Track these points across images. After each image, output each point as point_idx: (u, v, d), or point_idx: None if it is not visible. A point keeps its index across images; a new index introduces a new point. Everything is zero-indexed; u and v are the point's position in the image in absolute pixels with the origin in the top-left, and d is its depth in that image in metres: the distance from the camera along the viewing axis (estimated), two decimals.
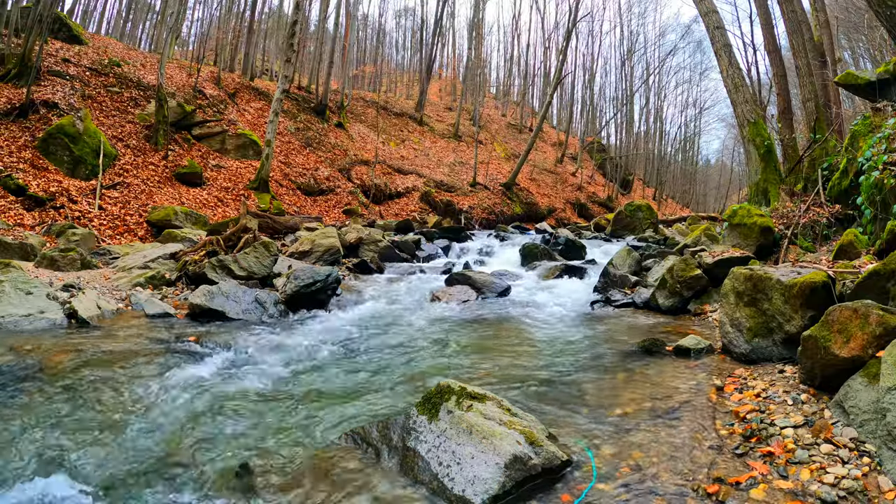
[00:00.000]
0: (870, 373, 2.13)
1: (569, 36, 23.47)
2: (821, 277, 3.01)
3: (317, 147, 18.34)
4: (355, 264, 7.29)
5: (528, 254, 8.35)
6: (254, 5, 23.25)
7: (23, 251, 6.29)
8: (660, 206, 30.95)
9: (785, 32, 10.36)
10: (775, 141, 10.00)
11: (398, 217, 16.39)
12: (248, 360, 3.43)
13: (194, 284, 5.52)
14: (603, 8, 59.36)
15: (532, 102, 38.06)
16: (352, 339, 4.05)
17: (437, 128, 27.22)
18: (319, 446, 2.24)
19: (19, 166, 9.02)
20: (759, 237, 6.01)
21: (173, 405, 2.66)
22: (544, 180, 25.87)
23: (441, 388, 2.25)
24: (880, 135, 4.80)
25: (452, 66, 42.00)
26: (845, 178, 6.12)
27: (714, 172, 49.40)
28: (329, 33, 26.37)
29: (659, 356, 3.41)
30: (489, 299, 5.67)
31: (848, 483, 1.79)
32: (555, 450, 2.01)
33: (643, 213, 13.58)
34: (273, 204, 12.58)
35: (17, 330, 3.80)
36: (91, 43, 16.26)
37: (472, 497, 1.78)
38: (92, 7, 26.11)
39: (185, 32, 30.86)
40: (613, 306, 5.19)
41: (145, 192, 10.51)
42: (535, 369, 3.26)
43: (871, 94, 6.29)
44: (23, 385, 2.79)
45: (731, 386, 2.79)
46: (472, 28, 34.54)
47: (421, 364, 3.45)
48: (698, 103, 41.11)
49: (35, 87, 11.15)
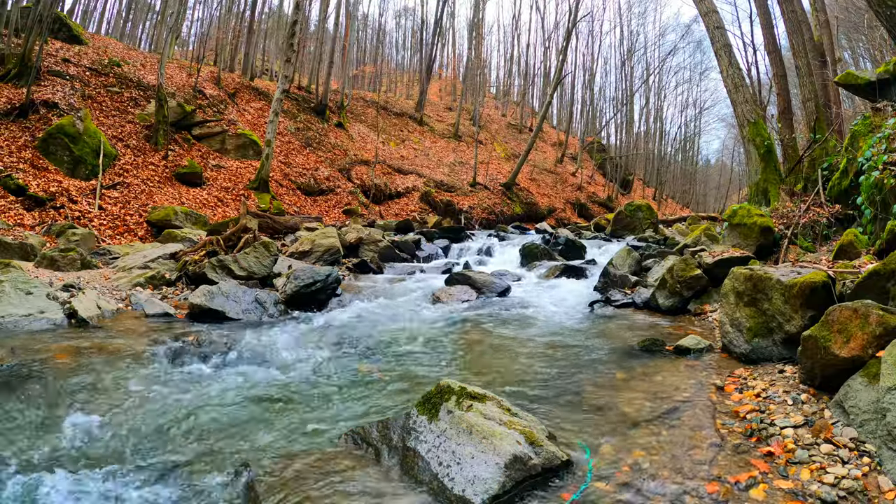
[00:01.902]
0: (870, 373, 2.13)
1: (569, 36, 23.47)
2: (821, 277, 3.01)
3: (317, 147, 18.34)
4: (355, 264, 7.29)
5: (528, 254, 8.35)
6: (254, 5, 23.26)
7: (23, 251, 6.29)
8: (660, 206, 30.94)
9: (785, 32, 10.36)
10: (775, 141, 9.99)
11: (398, 217, 16.39)
12: (248, 360, 3.43)
13: (194, 284, 5.52)
14: (603, 8, 59.56)
15: (532, 102, 38.06)
16: (351, 338, 4.05)
17: (437, 128, 27.22)
18: (319, 446, 2.24)
19: (19, 166, 9.02)
20: (759, 237, 6.01)
21: (173, 405, 2.66)
22: (544, 180, 25.87)
23: (441, 388, 2.25)
24: (880, 135, 4.80)
25: (452, 66, 42.01)
26: (845, 178, 6.12)
27: (714, 172, 49.39)
28: (329, 33, 26.38)
29: (659, 356, 3.41)
30: (489, 299, 5.67)
31: (848, 483, 1.79)
32: (555, 450, 2.00)
33: (643, 213, 13.57)
34: (273, 204, 12.58)
35: (17, 330, 3.80)
36: (91, 43, 16.26)
37: (472, 497, 1.78)
38: (92, 7, 26.12)
39: (185, 32, 30.88)
40: (613, 306, 5.19)
41: (145, 192, 10.51)
42: (535, 369, 3.26)
43: (871, 94, 6.28)
44: (23, 385, 2.79)
45: (732, 386, 2.79)
46: (472, 28, 34.56)
47: (421, 364, 3.45)
48: (698, 103, 41.15)
49: (35, 87, 11.15)
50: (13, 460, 2.07)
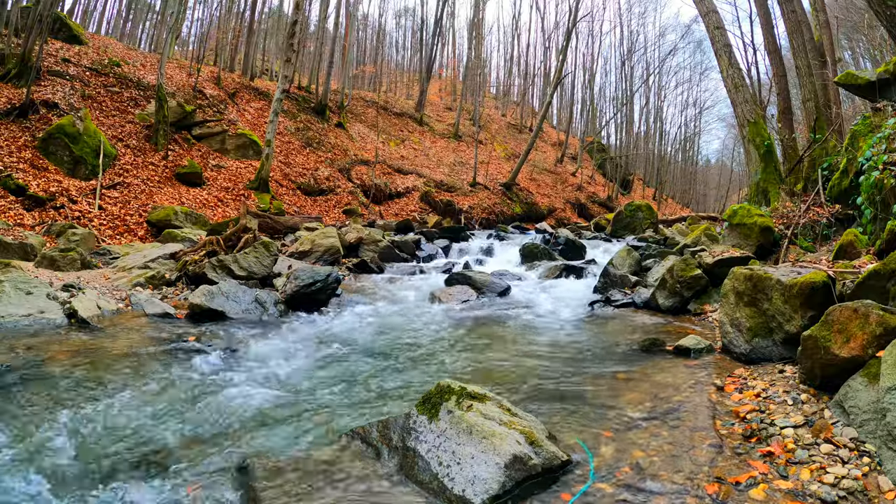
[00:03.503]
0: (870, 373, 2.13)
1: (569, 36, 23.46)
2: (821, 277, 3.01)
3: (317, 147, 18.34)
4: (355, 264, 7.29)
5: (528, 254, 8.35)
6: (254, 5, 23.25)
7: (23, 251, 6.29)
8: (660, 206, 30.91)
9: (785, 32, 10.36)
10: (775, 141, 9.99)
11: (398, 217, 16.38)
12: (248, 360, 3.43)
13: (194, 284, 5.52)
14: (603, 8, 59.55)
15: (532, 102, 38.05)
16: (351, 339, 4.05)
17: (437, 128, 27.22)
18: (319, 446, 2.24)
19: (19, 166, 9.02)
20: (759, 237, 6.01)
21: (172, 404, 2.66)
22: (544, 180, 25.86)
23: (441, 387, 2.25)
24: (880, 135, 4.80)
25: (452, 66, 42.00)
26: (845, 178, 6.12)
27: (714, 172, 49.37)
28: (329, 33, 26.38)
29: (659, 356, 3.41)
30: (489, 299, 5.67)
31: (848, 483, 1.79)
32: (555, 450, 2.00)
33: (643, 213, 13.57)
34: (273, 204, 12.57)
35: (18, 330, 3.80)
36: (91, 43, 16.26)
37: (472, 497, 1.78)
38: (92, 7, 26.15)
39: (185, 32, 30.88)
40: (613, 306, 5.19)
41: (145, 192, 10.51)
42: (535, 369, 3.26)
43: (871, 94, 6.28)
44: (23, 385, 2.79)
45: (731, 386, 2.78)
46: (472, 28, 34.51)
47: (421, 364, 3.45)
48: (698, 103, 41.08)
49: (35, 87, 11.14)
50: (12, 460, 2.07)
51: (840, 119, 9.07)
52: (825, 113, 9.00)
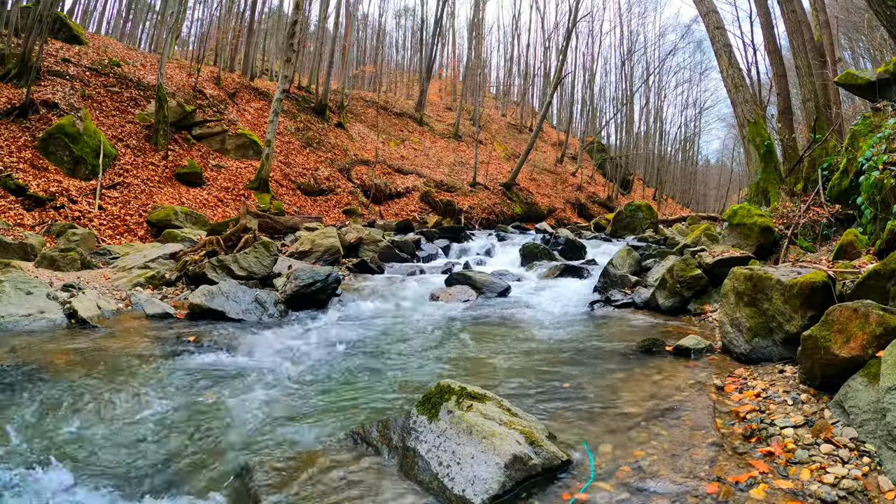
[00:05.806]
0: (870, 373, 2.13)
1: (569, 36, 23.46)
2: (821, 277, 3.01)
3: (317, 147, 18.34)
4: (355, 264, 7.29)
5: (528, 254, 8.35)
6: (254, 5, 23.25)
7: (23, 251, 6.29)
8: (660, 206, 30.91)
9: (785, 32, 10.36)
10: (775, 141, 9.99)
11: (398, 217, 16.38)
12: (248, 360, 3.43)
13: (194, 284, 5.52)
14: (603, 8, 59.42)
15: (532, 102, 38.05)
16: (351, 339, 4.05)
17: (437, 128, 27.22)
18: (319, 446, 2.24)
19: (19, 166, 9.02)
20: (759, 237, 6.01)
21: (172, 404, 2.66)
22: (544, 180, 25.86)
23: (441, 387, 2.25)
24: (880, 135, 4.80)
25: (452, 66, 41.99)
26: (845, 178, 6.12)
27: (714, 172, 49.36)
28: (329, 33, 26.37)
29: (659, 356, 3.41)
30: (489, 299, 5.67)
31: (848, 483, 1.79)
32: (555, 450, 2.00)
33: (643, 213, 13.57)
34: (273, 204, 12.57)
35: (17, 330, 3.80)
36: (91, 43, 16.26)
37: (472, 497, 1.78)
38: (92, 7, 26.15)
39: (185, 32, 30.88)
40: (613, 306, 5.19)
41: (145, 192, 10.51)
42: (534, 369, 3.26)
43: (871, 94, 6.28)
44: (23, 385, 2.79)
45: (732, 386, 2.79)
46: (472, 28, 34.52)
47: (421, 364, 3.45)
48: (698, 103, 41.08)
49: (35, 87, 11.14)
50: (11, 460, 2.07)
51: (840, 119, 9.08)
52: (825, 113, 9.01)
